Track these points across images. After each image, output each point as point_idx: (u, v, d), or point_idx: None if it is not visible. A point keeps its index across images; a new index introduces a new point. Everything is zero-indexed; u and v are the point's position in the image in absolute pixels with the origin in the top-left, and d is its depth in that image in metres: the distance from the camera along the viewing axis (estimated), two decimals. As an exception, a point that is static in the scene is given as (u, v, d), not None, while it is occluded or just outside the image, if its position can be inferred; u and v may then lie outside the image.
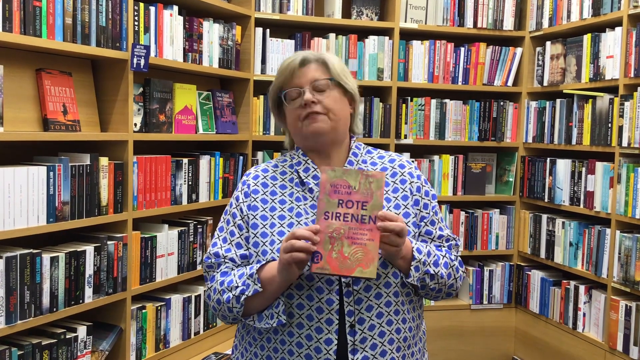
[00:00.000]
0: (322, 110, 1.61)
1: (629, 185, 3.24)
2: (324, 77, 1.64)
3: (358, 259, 1.42)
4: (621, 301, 3.30)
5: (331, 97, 1.64)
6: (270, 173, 1.70)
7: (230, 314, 1.59)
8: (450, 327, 4.12)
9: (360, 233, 1.44)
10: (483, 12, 4.07)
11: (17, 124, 2.43)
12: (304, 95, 1.62)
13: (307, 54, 1.66)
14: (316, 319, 1.53)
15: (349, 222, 1.45)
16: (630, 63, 3.25)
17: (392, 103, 3.96)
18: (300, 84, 1.64)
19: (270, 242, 1.58)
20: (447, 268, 1.63)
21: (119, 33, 2.70)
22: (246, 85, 3.61)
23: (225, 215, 1.70)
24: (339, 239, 1.43)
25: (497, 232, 4.20)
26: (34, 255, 2.32)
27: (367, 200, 1.45)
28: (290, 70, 1.64)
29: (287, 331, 1.55)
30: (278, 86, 1.68)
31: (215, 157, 3.37)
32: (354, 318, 1.53)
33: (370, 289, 1.55)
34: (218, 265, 1.64)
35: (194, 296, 3.23)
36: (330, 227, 1.44)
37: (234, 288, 1.55)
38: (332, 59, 1.67)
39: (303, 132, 1.64)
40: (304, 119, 1.62)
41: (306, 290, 1.54)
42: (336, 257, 1.42)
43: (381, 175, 1.47)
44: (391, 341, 1.56)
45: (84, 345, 2.59)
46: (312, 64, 1.65)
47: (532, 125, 4.09)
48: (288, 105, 1.65)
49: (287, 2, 3.75)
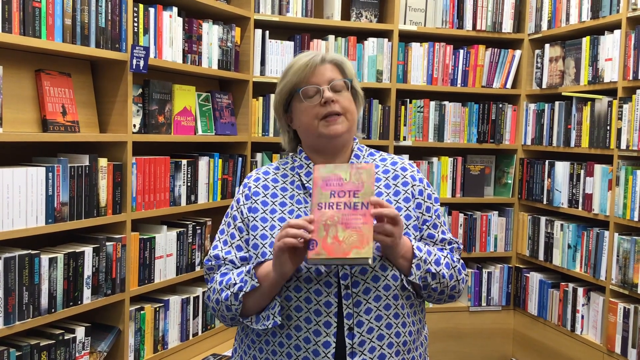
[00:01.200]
0: (340, 110, 1.62)
1: (628, 187, 3.24)
2: (341, 77, 1.65)
3: (353, 241, 1.42)
4: (619, 303, 3.30)
5: (347, 98, 1.65)
6: (271, 175, 1.70)
7: (229, 312, 1.58)
8: (448, 329, 4.12)
9: (353, 218, 1.45)
10: (482, 14, 4.08)
11: (16, 124, 2.43)
12: (324, 93, 1.61)
13: (320, 54, 1.66)
14: (314, 321, 1.53)
15: (342, 209, 1.46)
16: (629, 66, 3.26)
17: (391, 105, 3.96)
18: (318, 82, 1.62)
19: (269, 244, 1.58)
20: (449, 269, 1.62)
21: (118, 34, 2.70)
22: (245, 87, 3.61)
23: (226, 218, 1.70)
24: (333, 225, 1.44)
25: (496, 234, 4.21)
26: (32, 256, 2.32)
27: (358, 189, 1.48)
28: (311, 68, 1.63)
29: (285, 334, 1.55)
30: (294, 83, 1.65)
31: (214, 159, 3.37)
32: (353, 321, 1.53)
33: (370, 292, 1.54)
34: (218, 267, 1.64)
35: (192, 297, 3.23)
36: (324, 215, 1.46)
37: (232, 285, 1.56)
38: (345, 61, 1.68)
39: (319, 132, 1.62)
40: (322, 118, 1.61)
41: (304, 292, 1.53)
42: (331, 243, 1.43)
43: (370, 166, 1.50)
44: (390, 345, 1.55)
45: (83, 346, 2.59)
46: (328, 65, 1.65)
47: (531, 128, 4.09)
48: (305, 103, 1.63)
49: (287, 3, 3.75)
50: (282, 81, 1.68)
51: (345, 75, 1.66)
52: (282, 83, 1.68)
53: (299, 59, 1.66)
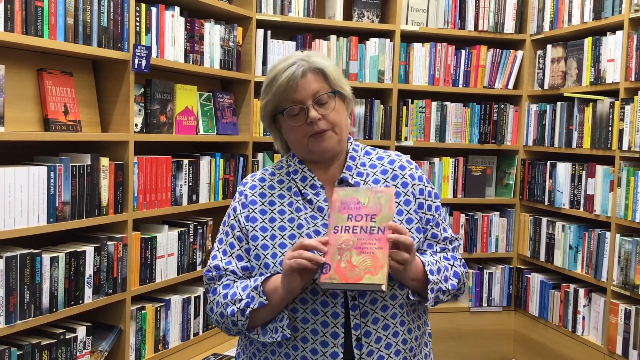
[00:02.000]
0: (327, 126, 1.57)
1: (629, 188, 3.24)
2: (325, 88, 1.58)
3: (366, 266, 1.40)
4: (621, 305, 3.30)
5: (334, 109, 1.58)
6: (267, 182, 1.66)
7: (234, 327, 1.56)
8: (449, 329, 4.12)
9: (369, 243, 1.42)
10: (484, 15, 4.08)
11: (18, 123, 2.43)
12: (309, 113, 1.55)
13: (301, 64, 1.56)
14: (321, 332, 1.51)
15: (358, 233, 1.44)
16: (631, 67, 3.26)
17: (393, 105, 3.96)
18: (302, 98, 1.55)
19: (272, 254, 1.56)
20: (457, 277, 1.63)
21: (120, 33, 2.70)
22: (247, 87, 3.61)
23: (223, 227, 1.66)
24: (348, 250, 1.42)
25: (497, 235, 4.20)
26: (34, 255, 2.32)
27: (375, 213, 1.46)
28: (293, 84, 1.54)
29: (291, 345, 1.53)
30: (277, 102, 1.58)
31: (215, 158, 3.37)
32: (360, 331, 1.52)
33: (377, 302, 1.53)
34: (219, 277, 1.61)
35: (193, 297, 3.23)
36: (339, 239, 1.44)
37: (237, 301, 1.53)
38: (328, 66, 1.59)
39: (308, 149, 1.59)
40: (310, 136, 1.57)
41: (311, 304, 1.52)
42: (344, 267, 1.41)
43: (390, 191, 1.48)
44: (397, 352, 1.55)
45: (84, 346, 2.59)
46: (309, 75, 1.56)
47: (533, 128, 4.09)
48: (289, 122, 1.57)
49: (289, 3, 3.75)
50: (265, 96, 1.61)
51: (329, 80, 1.58)
52: (265, 98, 1.61)
53: (280, 72, 1.56)
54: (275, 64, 1.61)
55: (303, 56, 1.59)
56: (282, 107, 1.58)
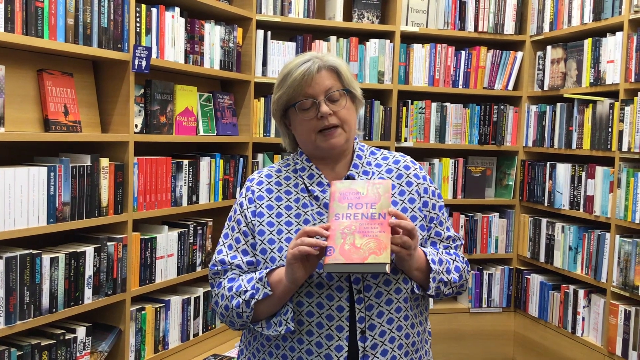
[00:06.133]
0: (337, 122, 1.60)
1: (629, 189, 3.24)
2: (337, 86, 1.62)
3: (370, 247, 1.41)
4: (620, 306, 3.30)
5: (345, 107, 1.62)
6: (274, 179, 1.68)
7: (239, 319, 1.57)
8: (449, 330, 4.12)
9: (371, 227, 1.44)
10: (484, 16, 4.08)
11: (18, 124, 2.43)
12: (320, 107, 1.58)
13: (316, 61, 1.61)
14: (326, 326, 1.53)
15: (360, 219, 1.46)
16: (631, 68, 3.26)
17: (393, 106, 3.96)
18: (314, 93, 1.60)
19: (278, 249, 1.57)
20: (459, 272, 1.65)
21: (120, 34, 2.70)
22: (247, 87, 3.61)
23: (229, 222, 1.68)
24: (351, 234, 1.44)
25: (497, 236, 4.20)
26: (33, 255, 2.32)
27: (375, 202, 1.48)
28: (307, 78, 1.59)
29: (296, 338, 1.54)
30: (290, 95, 1.61)
31: (215, 159, 3.37)
32: (365, 324, 1.53)
33: (381, 295, 1.54)
34: (224, 272, 1.62)
35: (193, 298, 3.23)
36: (342, 225, 1.46)
37: (242, 293, 1.54)
38: (341, 65, 1.65)
39: (317, 145, 1.62)
40: (319, 131, 1.60)
41: (316, 297, 1.53)
42: (349, 249, 1.42)
43: (387, 182, 1.52)
44: (400, 346, 1.57)
45: (83, 346, 2.59)
46: (323, 71, 1.61)
47: (532, 129, 4.09)
48: (300, 116, 1.62)
49: (289, 4, 3.75)
50: (278, 89, 1.65)
51: (341, 79, 1.63)
52: (278, 92, 1.65)
53: (295, 67, 1.61)
54: (289, 62, 1.67)
55: (318, 55, 1.65)
56: (295, 101, 1.62)
